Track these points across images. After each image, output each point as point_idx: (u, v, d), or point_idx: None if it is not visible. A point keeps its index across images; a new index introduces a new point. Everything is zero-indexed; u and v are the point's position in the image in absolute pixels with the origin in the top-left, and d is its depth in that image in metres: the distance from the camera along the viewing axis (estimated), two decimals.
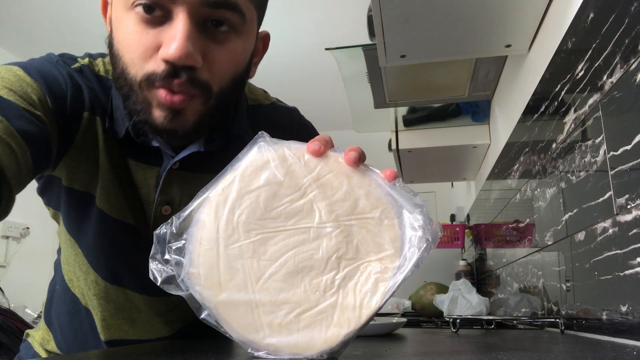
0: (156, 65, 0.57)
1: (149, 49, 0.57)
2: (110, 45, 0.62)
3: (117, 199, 0.69)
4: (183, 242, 0.47)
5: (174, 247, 0.47)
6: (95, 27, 3.11)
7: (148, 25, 0.57)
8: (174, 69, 0.56)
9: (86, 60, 0.70)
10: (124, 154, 0.68)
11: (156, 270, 0.47)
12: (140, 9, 0.56)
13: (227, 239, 0.47)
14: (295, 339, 0.45)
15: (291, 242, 0.47)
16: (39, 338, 0.88)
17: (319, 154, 0.48)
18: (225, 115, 0.68)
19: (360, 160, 0.48)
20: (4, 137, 0.52)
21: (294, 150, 0.48)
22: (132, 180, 0.69)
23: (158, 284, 0.47)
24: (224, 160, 0.56)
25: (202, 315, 0.47)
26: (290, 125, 0.82)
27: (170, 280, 0.47)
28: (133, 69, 0.58)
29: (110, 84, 0.67)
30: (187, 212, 0.48)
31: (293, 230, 0.47)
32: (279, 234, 0.47)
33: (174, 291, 0.47)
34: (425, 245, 0.44)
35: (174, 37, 0.55)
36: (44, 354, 0.86)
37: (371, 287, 0.45)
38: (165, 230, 0.47)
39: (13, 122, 0.54)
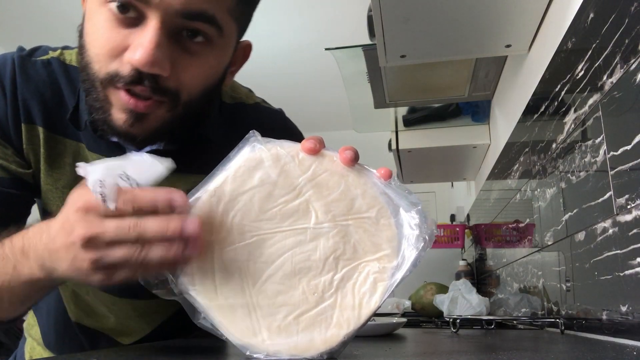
0: (121, 66, 0.54)
1: (116, 48, 0.55)
2: (80, 35, 0.61)
3: None
4: None
5: None
6: None
7: (119, 24, 0.54)
8: (139, 75, 0.54)
9: (57, 52, 0.69)
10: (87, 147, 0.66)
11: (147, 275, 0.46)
12: (114, 6, 0.54)
13: (221, 242, 0.46)
14: (295, 341, 0.45)
15: (287, 243, 0.46)
16: (26, 324, 0.87)
17: (315, 151, 0.47)
18: (194, 124, 0.64)
19: (355, 159, 0.47)
20: None
21: (287, 149, 0.47)
22: None
23: (152, 290, 0.46)
24: (186, 160, 0.56)
25: (198, 320, 0.46)
26: (275, 127, 0.72)
27: (162, 284, 0.46)
28: (97, 64, 0.56)
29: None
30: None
31: (289, 231, 0.46)
32: (274, 235, 0.46)
33: (167, 296, 0.46)
34: (422, 244, 0.44)
35: (142, 43, 0.52)
36: (29, 340, 0.85)
37: (370, 287, 0.45)
38: None
39: None
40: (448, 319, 1.07)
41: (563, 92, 1.00)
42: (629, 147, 0.70)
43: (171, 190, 0.43)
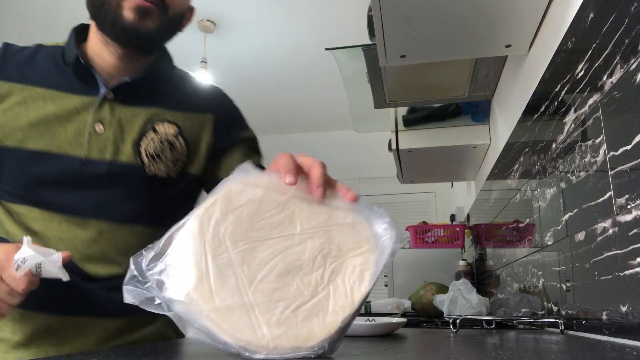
0: None
1: None
2: None
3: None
4: (164, 263, 0.49)
5: (155, 269, 0.49)
6: None
7: None
8: None
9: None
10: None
11: (131, 293, 0.48)
12: None
13: (214, 250, 0.50)
14: (295, 332, 0.47)
15: (278, 247, 0.51)
16: None
17: (294, 184, 0.54)
18: (162, 42, 0.88)
19: (324, 185, 0.55)
20: None
21: (268, 177, 0.55)
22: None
23: (138, 306, 0.48)
24: (149, 94, 0.85)
25: (190, 334, 0.48)
26: (219, 93, 0.98)
27: (149, 301, 0.48)
28: None
29: (39, 51, 0.88)
30: (167, 235, 0.51)
31: (278, 238, 0.52)
32: (265, 242, 0.51)
33: (156, 310, 0.48)
34: (395, 238, 0.52)
35: None
36: None
37: (358, 276, 0.50)
38: (142, 257, 0.49)
39: None
40: (448, 319, 1.07)
41: (563, 92, 1.01)
42: (629, 147, 0.70)
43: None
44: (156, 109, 0.86)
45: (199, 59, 3.29)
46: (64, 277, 0.67)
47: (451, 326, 1.00)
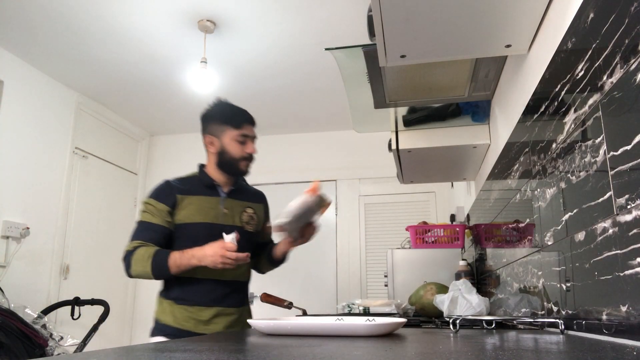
0: (244, 154, 1.79)
1: (242, 149, 1.79)
2: (222, 150, 1.79)
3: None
4: None
5: None
6: (95, 26, 3.11)
7: (240, 144, 1.79)
8: (250, 155, 1.80)
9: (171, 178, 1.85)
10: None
11: None
12: (240, 140, 1.79)
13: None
14: None
15: None
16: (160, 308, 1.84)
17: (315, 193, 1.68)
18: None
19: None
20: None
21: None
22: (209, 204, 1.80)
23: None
24: (241, 194, 1.88)
25: None
26: (263, 194, 2.01)
27: None
28: (236, 155, 1.78)
29: (187, 179, 1.83)
30: None
31: None
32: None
33: None
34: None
35: (251, 147, 1.81)
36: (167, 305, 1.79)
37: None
38: None
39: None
40: (448, 319, 1.07)
41: (563, 92, 1.01)
42: (629, 147, 0.70)
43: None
44: (244, 202, 1.85)
45: (199, 59, 3.29)
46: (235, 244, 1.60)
47: (451, 326, 1.00)
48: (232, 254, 1.55)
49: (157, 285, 1.80)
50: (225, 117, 1.77)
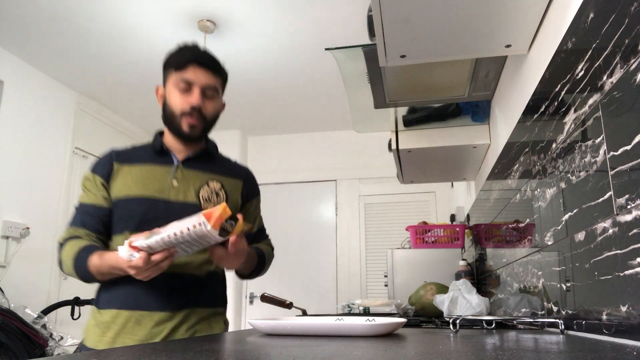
0: (186, 107, 1.31)
1: (184, 101, 1.31)
2: (165, 101, 1.35)
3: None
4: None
5: None
6: (94, 26, 3.11)
7: (182, 92, 1.31)
8: (193, 108, 1.30)
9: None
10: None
11: None
12: (181, 88, 1.31)
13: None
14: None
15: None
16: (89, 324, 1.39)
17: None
18: (206, 136, 1.42)
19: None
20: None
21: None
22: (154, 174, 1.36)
23: None
24: (203, 165, 1.38)
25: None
26: (247, 170, 1.52)
27: None
28: (176, 109, 1.31)
29: (138, 147, 1.41)
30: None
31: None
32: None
33: None
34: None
35: (194, 96, 1.30)
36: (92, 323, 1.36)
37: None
38: None
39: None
40: (448, 319, 1.07)
41: (563, 92, 1.01)
42: (629, 147, 0.70)
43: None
44: (208, 173, 1.38)
45: None
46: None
47: (451, 326, 1.00)
48: (139, 262, 1.07)
49: None
50: (170, 56, 1.34)
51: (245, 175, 1.47)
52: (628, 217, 0.70)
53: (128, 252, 1.08)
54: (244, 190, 1.44)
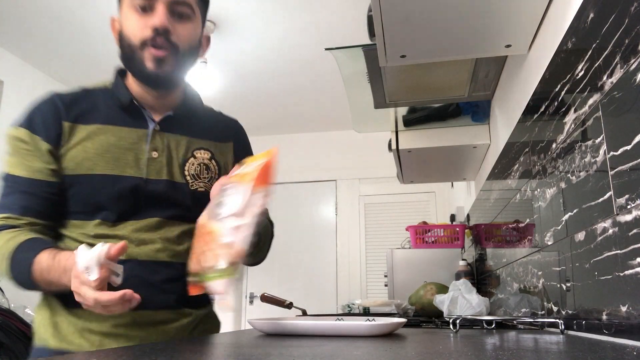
0: (147, 33, 0.94)
1: (143, 26, 0.95)
2: (120, 32, 0.99)
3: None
4: None
5: None
6: (95, 26, 3.11)
7: (141, 15, 0.95)
8: (157, 32, 0.94)
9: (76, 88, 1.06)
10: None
11: None
12: (138, 7, 0.96)
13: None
14: None
15: None
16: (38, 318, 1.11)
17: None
18: (183, 78, 1.05)
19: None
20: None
21: None
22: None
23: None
24: (186, 124, 1.06)
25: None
26: (236, 125, 1.19)
27: None
28: (134, 39, 0.95)
29: (91, 92, 1.04)
30: None
31: None
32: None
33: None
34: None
35: (158, 15, 0.94)
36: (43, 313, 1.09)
37: None
38: None
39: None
40: (448, 319, 1.07)
41: (563, 92, 1.01)
42: (629, 147, 0.70)
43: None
44: (193, 138, 1.07)
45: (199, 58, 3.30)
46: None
47: (451, 326, 1.00)
48: (89, 293, 0.75)
49: None
50: None
51: (234, 133, 1.15)
52: (628, 217, 0.70)
53: (95, 261, 0.72)
54: (236, 153, 1.12)
